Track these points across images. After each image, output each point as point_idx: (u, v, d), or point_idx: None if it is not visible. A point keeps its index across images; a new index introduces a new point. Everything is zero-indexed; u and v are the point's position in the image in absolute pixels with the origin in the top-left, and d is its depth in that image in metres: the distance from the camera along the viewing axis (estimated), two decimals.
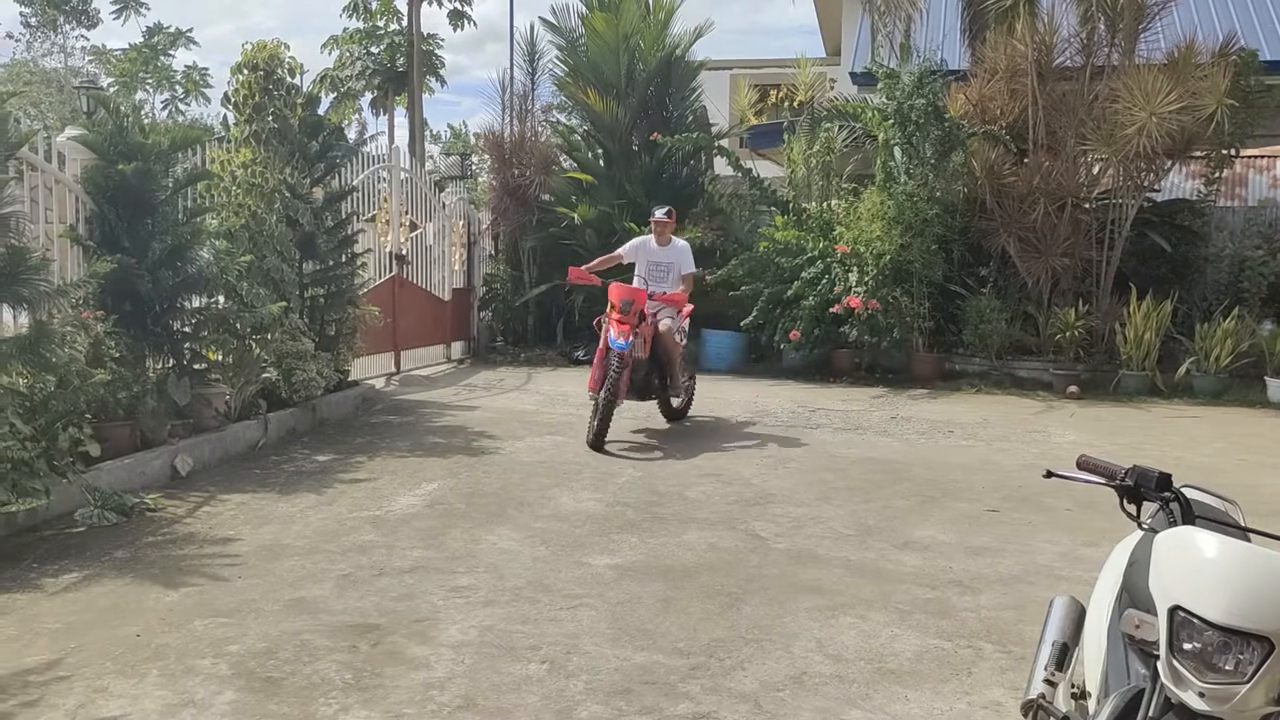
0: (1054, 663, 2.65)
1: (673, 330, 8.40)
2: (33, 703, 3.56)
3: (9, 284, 5.52)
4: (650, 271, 8.65)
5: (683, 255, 8.72)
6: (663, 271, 8.64)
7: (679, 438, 8.65)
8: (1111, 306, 11.67)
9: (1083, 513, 6.21)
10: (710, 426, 9.16)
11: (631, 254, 8.87)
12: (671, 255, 8.72)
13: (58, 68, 39.44)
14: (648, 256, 8.76)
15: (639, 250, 8.84)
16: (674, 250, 8.74)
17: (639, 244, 8.93)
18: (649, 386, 8.54)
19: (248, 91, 8.75)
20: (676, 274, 8.68)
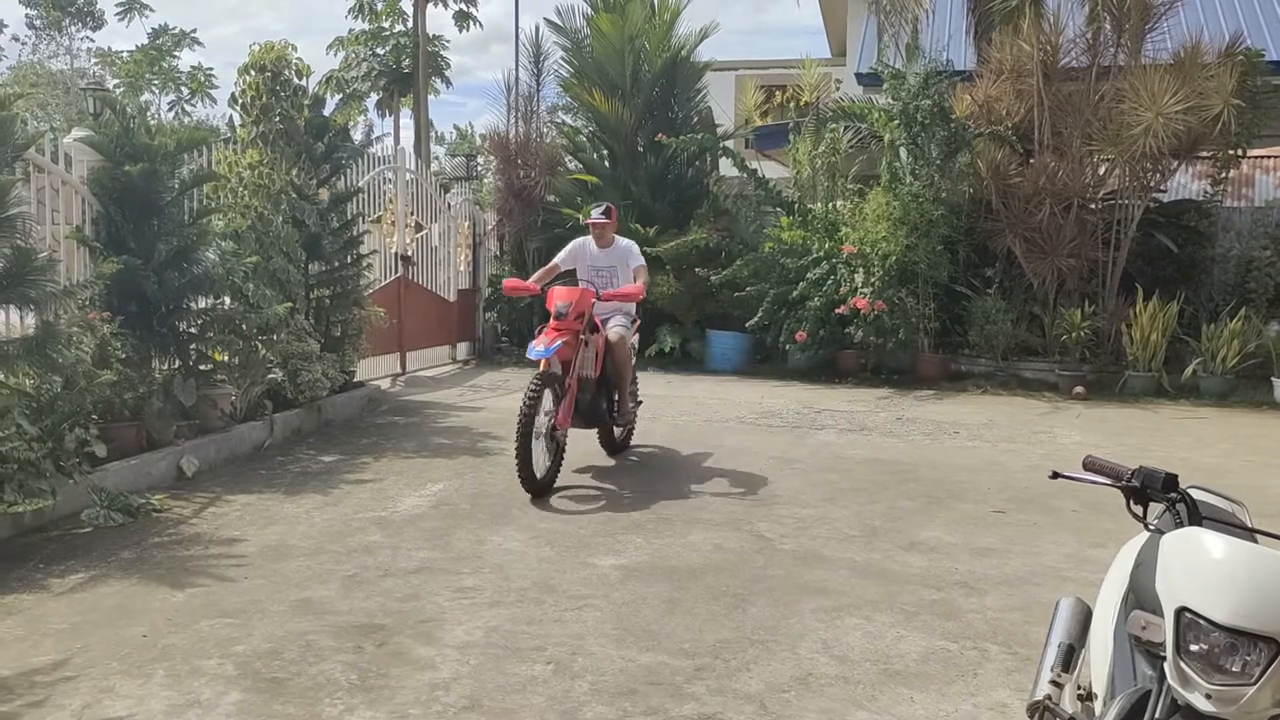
0: (1060, 664, 2.64)
1: (627, 340, 7.34)
2: (39, 703, 3.56)
3: (16, 285, 5.53)
4: (593, 277, 7.57)
5: (627, 253, 7.61)
6: (606, 276, 7.56)
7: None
8: (1117, 307, 11.65)
9: (1089, 514, 6.20)
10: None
11: (570, 259, 7.77)
12: (614, 257, 7.64)
13: (64, 69, 39.55)
14: (588, 261, 7.68)
15: (578, 255, 7.74)
16: (617, 251, 7.65)
17: (577, 248, 7.77)
18: (597, 411, 7.19)
19: (255, 93, 8.76)
20: (622, 276, 7.56)
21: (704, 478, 7.15)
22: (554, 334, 6.60)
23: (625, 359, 7.29)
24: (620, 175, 14.08)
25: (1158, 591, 2.18)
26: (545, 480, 6.48)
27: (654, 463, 7.74)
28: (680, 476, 7.21)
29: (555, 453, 6.66)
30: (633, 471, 7.44)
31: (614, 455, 7.79)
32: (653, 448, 8.19)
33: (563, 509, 6.26)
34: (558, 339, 6.55)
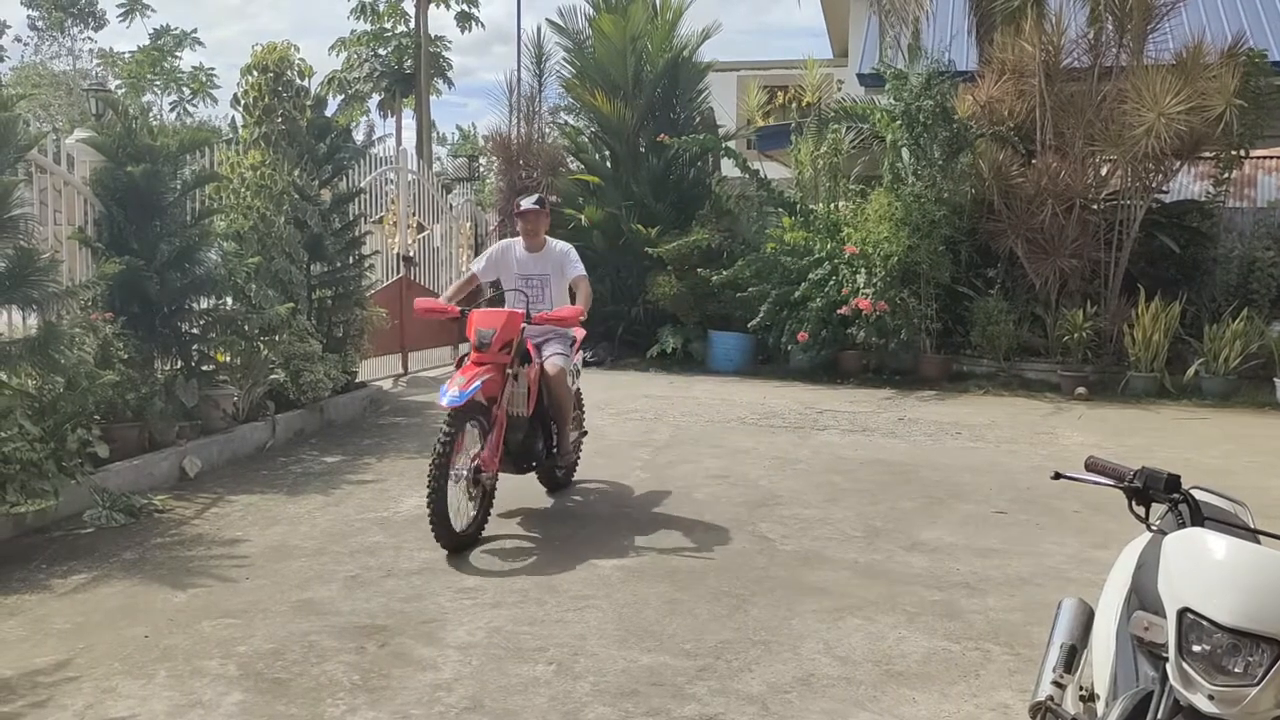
0: (1062, 665, 2.64)
1: (566, 371, 6.02)
2: (42, 703, 3.57)
3: (18, 285, 5.54)
4: (521, 288, 6.17)
5: (564, 259, 6.27)
6: (538, 286, 6.20)
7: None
8: (1120, 308, 11.64)
9: (1091, 514, 6.20)
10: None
11: (490, 268, 6.38)
12: (547, 262, 6.26)
13: (67, 70, 39.61)
14: (515, 268, 6.26)
15: (501, 261, 6.34)
16: (551, 255, 6.28)
17: (500, 253, 6.40)
18: (531, 453, 5.96)
19: (257, 93, 8.77)
20: (558, 287, 6.27)
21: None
22: (474, 370, 5.40)
23: (565, 393, 6.07)
24: (622, 176, 14.08)
25: (1160, 592, 2.17)
26: (467, 533, 5.35)
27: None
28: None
29: (481, 500, 5.46)
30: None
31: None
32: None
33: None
34: (478, 377, 5.34)
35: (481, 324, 5.59)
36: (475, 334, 5.55)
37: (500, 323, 5.57)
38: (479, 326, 5.58)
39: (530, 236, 6.28)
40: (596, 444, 8.15)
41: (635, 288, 13.79)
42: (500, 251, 6.41)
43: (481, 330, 5.54)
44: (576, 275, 6.24)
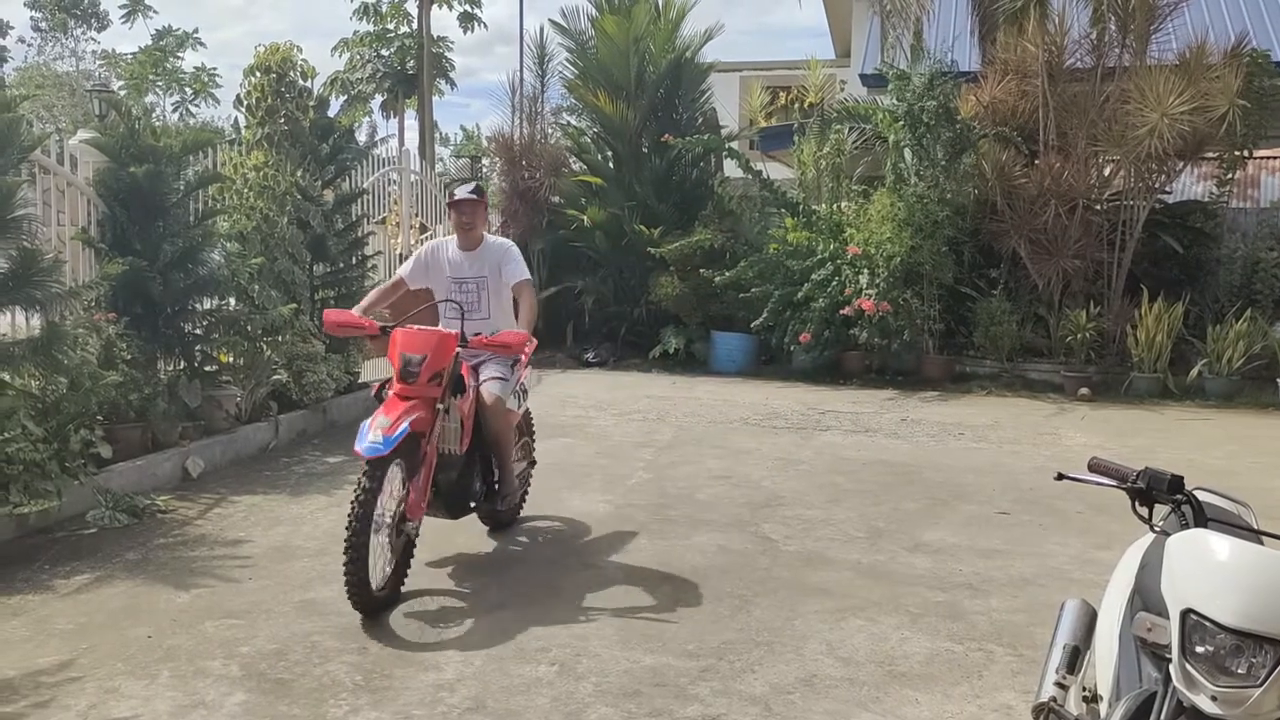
0: (1065, 666, 2.64)
1: (503, 400, 5.11)
2: (45, 703, 3.57)
3: (22, 286, 5.55)
4: (455, 294, 5.29)
5: (504, 258, 5.37)
6: (473, 291, 5.32)
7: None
8: (1123, 308, 11.63)
9: (1094, 515, 6.19)
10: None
11: (419, 273, 5.45)
12: (484, 263, 5.36)
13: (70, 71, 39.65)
14: (448, 270, 5.38)
15: (431, 263, 5.43)
16: (488, 254, 5.39)
17: (428, 254, 5.48)
18: (466, 494, 5.10)
19: (260, 94, 8.77)
20: (496, 293, 5.37)
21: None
22: (399, 407, 4.49)
23: (505, 426, 5.17)
24: (625, 176, 14.08)
25: (1163, 593, 2.17)
26: (384, 593, 4.45)
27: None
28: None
29: (401, 551, 4.56)
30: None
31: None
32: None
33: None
34: (404, 418, 4.42)
35: (407, 347, 4.62)
36: (400, 359, 4.60)
37: (430, 347, 4.60)
38: (404, 350, 4.61)
39: (465, 232, 5.33)
40: (599, 445, 8.16)
41: (638, 288, 13.80)
42: (430, 253, 5.43)
43: (408, 356, 4.59)
44: (519, 280, 5.31)
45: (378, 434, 4.34)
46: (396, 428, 4.36)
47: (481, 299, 5.32)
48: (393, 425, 4.36)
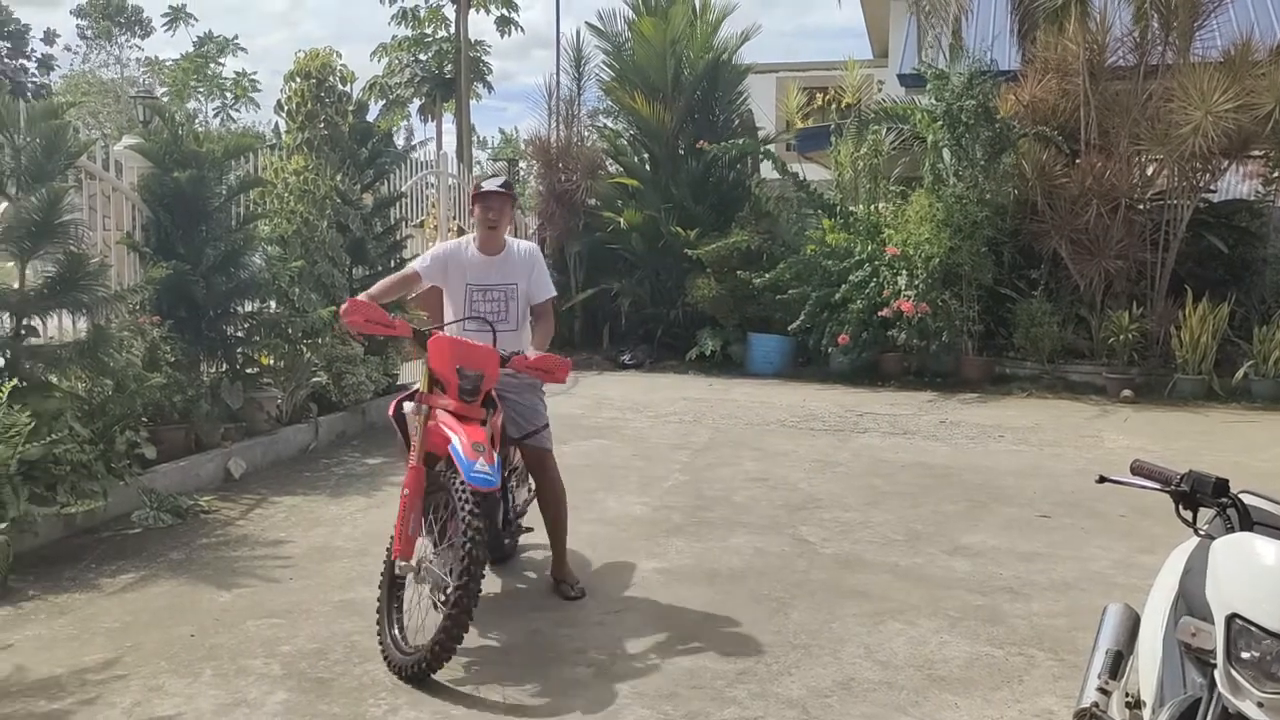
0: (1108, 671, 2.60)
1: (551, 452, 4.86)
2: (91, 700, 3.63)
3: (69, 290, 5.65)
4: (479, 303, 4.74)
5: (532, 268, 4.84)
6: (499, 301, 4.76)
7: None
8: (1166, 309, 11.47)
9: (1137, 519, 6.11)
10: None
11: (437, 270, 4.81)
12: (511, 269, 4.80)
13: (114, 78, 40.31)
14: (467, 276, 4.76)
15: (450, 263, 4.80)
16: (514, 260, 4.82)
17: (448, 252, 4.85)
18: (491, 525, 4.50)
19: (300, 99, 8.87)
20: (521, 306, 4.81)
21: (744, 482, 7.13)
22: (474, 431, 4.05)
23: (558, 477, 4.86)
24: (661, 178, 14.08)
25: (1208, 598, 2.14)
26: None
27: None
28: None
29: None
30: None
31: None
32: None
33: (608, 514, 4.54)
34: (491, 449, 4.04)
35: (467, 362, 4.16)
36: (459, 374, 4.15)
37: (488, 364, 4.20)
38: (464, 366, 4.15)
39: (489, 231, 4.71)
40: (635, 446, 8.16)
41: (674, 290, 13.79)
42: (449, 252, 4.82)
43: (468, 372, 4.14)
44: (548, 298, 4.86)
45: (483, 463, 3.86)
46: (493, 455, 3.97)
47: (510, 310, 4.73)
48: (489, 451, 3.95)
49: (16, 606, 4.52)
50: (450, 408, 4.12)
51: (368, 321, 4.29)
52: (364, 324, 4.30)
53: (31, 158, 5.59)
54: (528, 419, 4.73)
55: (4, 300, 5.49)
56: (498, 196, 4.68)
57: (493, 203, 4.67)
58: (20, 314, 5.61)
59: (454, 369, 4.14)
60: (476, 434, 4.00)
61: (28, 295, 5.57)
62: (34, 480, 5.21)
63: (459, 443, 3.93)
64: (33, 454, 5.13)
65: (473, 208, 4.78)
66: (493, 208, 4.67)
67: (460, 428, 4.02)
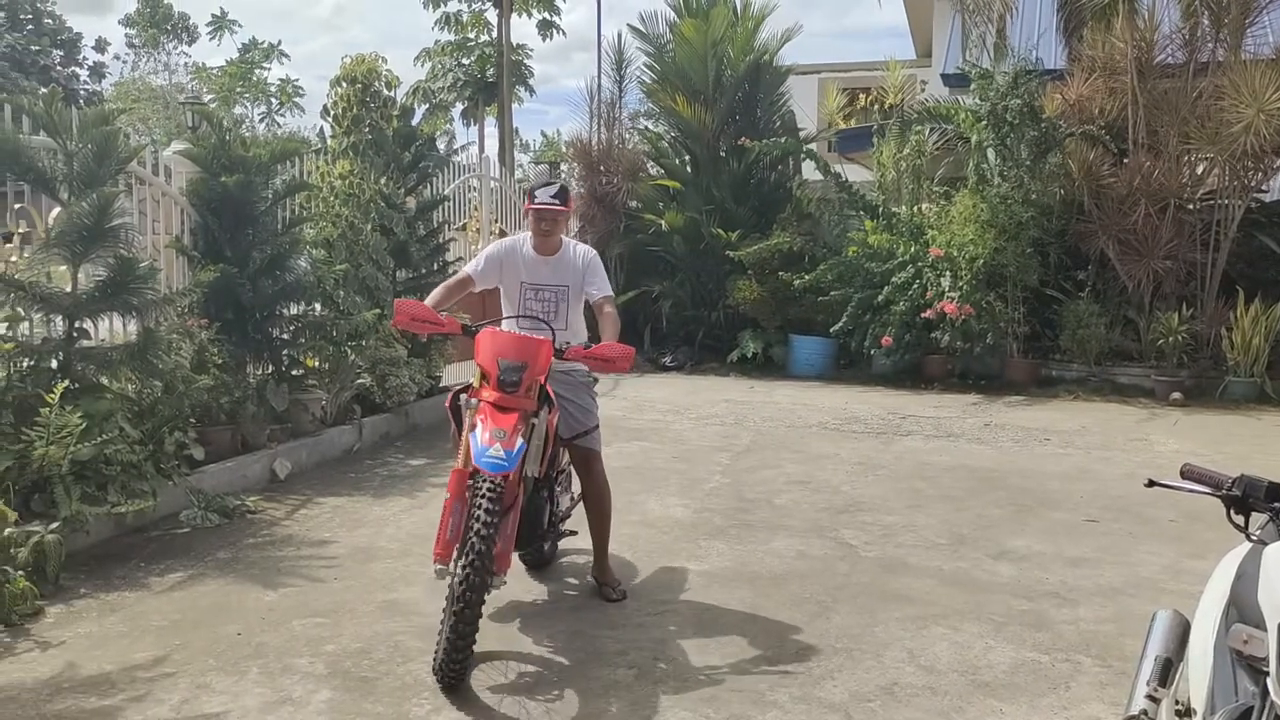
0: (1157, 678, 2.56)
1: (599, 452, 4.85)
2: (140, 697, 3.69)
3: (119, 293, 5.75)
4: (530, 302, 4.74)
5: (588, 270, 4.79)
6: (551, 301, 4.74)
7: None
8: (1217, 310, 11.28)
9: (1187, 524, 6.01)
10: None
11: (491, 271, 4.80)
12: (564, 272, 4.76)
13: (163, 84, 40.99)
14: (522, 275, 4.76)
15: (505, 263, 4.78)
16: (568, 262, 4.78)
17: (505, 252, 4.81)
18: (536, 525, 4.62)
19: (346, 104, 8.97)
20: (573, 308, 4.78)
21: (785, 484, 7.10)
22: (508, 419, 3.96)
23: (605, 480, 4.83)
24: (702, 180, 14.07)
25: (1260, 604, 2.10)
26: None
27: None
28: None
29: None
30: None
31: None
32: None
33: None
34: (516, 430, 3.94)
35: (505, 352, 4.13)
36: (498, 365, 4.07)
37: (530, 354, 4.13)
38: (503, 356, 4.10)
39: (543, 238, 4.71)
40: (676, 449, 8.15)
41: (715, 292, 13.77)
42: (505, 251, 4.77)
43: (507, 362, 4.07)
44: (603, 296, 4.71)
45: (498, 447, 3.81)
46: (514, 441, 3.87)
47: (560, 310, 4.69)
48: (509, 436, 3.87)
49: (69, 604, 4.60)
50: (491, 399, 4.02)
51: (414, 320, 4.28)
52: (410, 323, 4.29)
53: (83, 163, 5.70)
54: (578, 419, 4.69)
55: (57, 303, 5.59)
56: (551, 211, 4.65)
57: (546, 217, 4.66)
58: (73, 317, 5.71)
59: (495, 360, 4.10)
60: (504, 420, 3.92)
61: (80, 298, 5.67)
62: (85, 480, 5.31)
63: (480, 430, 3.89)
64: (84, 454, 5.23)
65: (527, 216, 4.77)
66: (546, 220, 4.67)
67: (491, 416, 3.94)
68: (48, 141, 5.77)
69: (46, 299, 5.53)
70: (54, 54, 42.04)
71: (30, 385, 5.42)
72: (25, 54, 39.23)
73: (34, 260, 5.60)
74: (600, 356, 4.24)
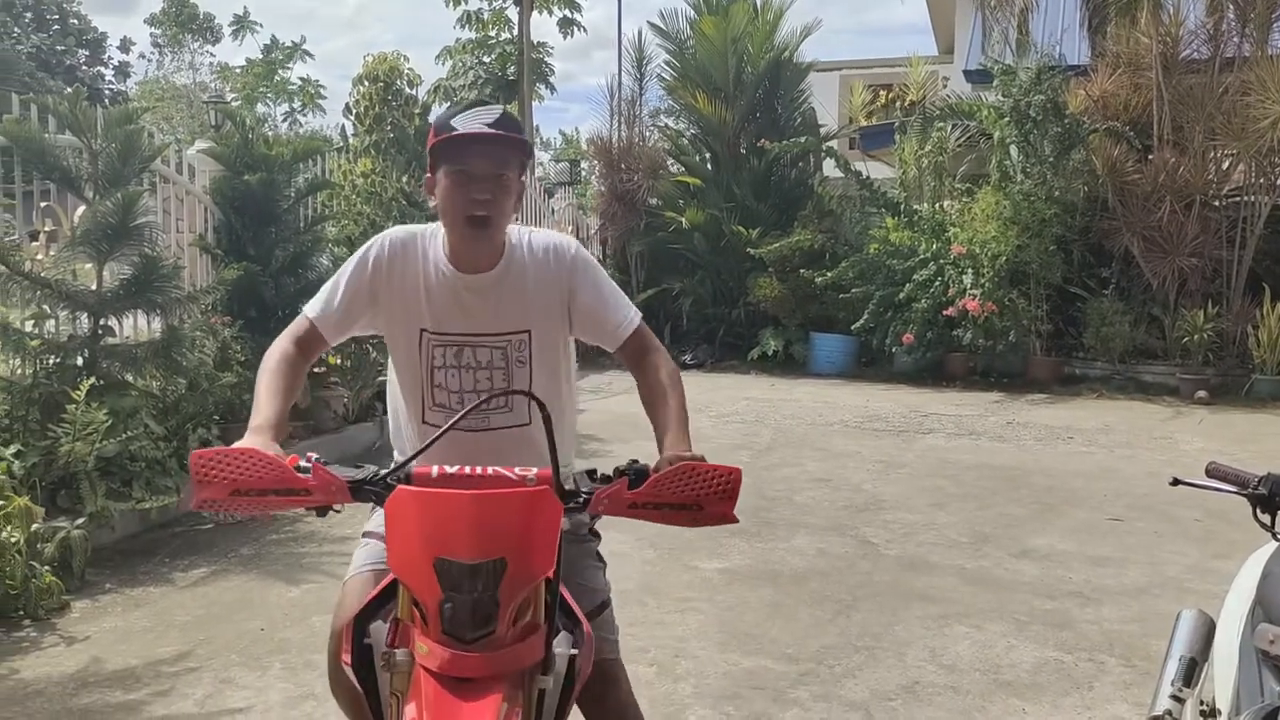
0: (1182, 678, 2.54)
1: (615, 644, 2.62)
2: (165, 692, 3.71)
3: (144, 291, 5.79)
4: (450, 372, 2.33)
5: (575, 279, 2.34)
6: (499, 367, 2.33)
7: None
8: (1243, 308, 11.18)
9: (1213, 523, 5.96)
10: None
11: (357, 306, 2.37)
12: (521, 296, 2.32)
13: (187, 84, 41.27)
14: (427, 316, 2.31)
15: (386, 287, 2.33)
16: (524, 274, 2.32)
17: (385, 262, 2.33)
18: None
19: (369, 102, 9.03)
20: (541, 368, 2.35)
21: (807, 482, 7.08)
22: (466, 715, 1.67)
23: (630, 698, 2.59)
24: (723, 177, 14.06)
25: None
26: None
27: None
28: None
29: None
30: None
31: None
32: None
33: None
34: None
35: (456, 541, 1.74)
36: (436, 573, 1.72)
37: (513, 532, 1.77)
38: (449, 553, 1.72)
39: (476, 231, 2.25)
40: (697, 447, 8.12)
41: (736, 290, 13.76)
42: (390, 263, 2.35)
43: (462, 565, 1.71)
44: (628, 326, 2.39)
45: None
46: None
47: (519, 383, 2.33)
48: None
49: (94, 599, 4.64)
50: (434, 663, 1.74)
51: (235, 495, 1.89)
52: (229, 502, 1.89)
53: (108, 162, 5.74)
54: (577, 600, 2.17)
55: (83, 301, 5.63)
56: (488, 145, 2.18)
57: (477, 166, 2.19)
58: (98, 314, 5.75)
59: (429, 563, 1.75)
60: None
61: (105, 296, 5.71)
62: (111, 476, 5.36)
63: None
64: (110, 451, 5.27)
65: (431, 173, 2.29)
66: (479, 177, 2.19)
67: (439, 712, 1.70)
68: (73, 140, 5.81)
69: (72, 297, 5.57)
70: (79, 54, 42.37)
71: (56, 382, 5.46)
72: (51, 54, 39.56)
73: (60, 258, 5.64)
74: (680, 500, 1.98)
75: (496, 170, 2.19)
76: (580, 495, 1.92)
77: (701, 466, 1.98)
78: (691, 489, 1.95)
